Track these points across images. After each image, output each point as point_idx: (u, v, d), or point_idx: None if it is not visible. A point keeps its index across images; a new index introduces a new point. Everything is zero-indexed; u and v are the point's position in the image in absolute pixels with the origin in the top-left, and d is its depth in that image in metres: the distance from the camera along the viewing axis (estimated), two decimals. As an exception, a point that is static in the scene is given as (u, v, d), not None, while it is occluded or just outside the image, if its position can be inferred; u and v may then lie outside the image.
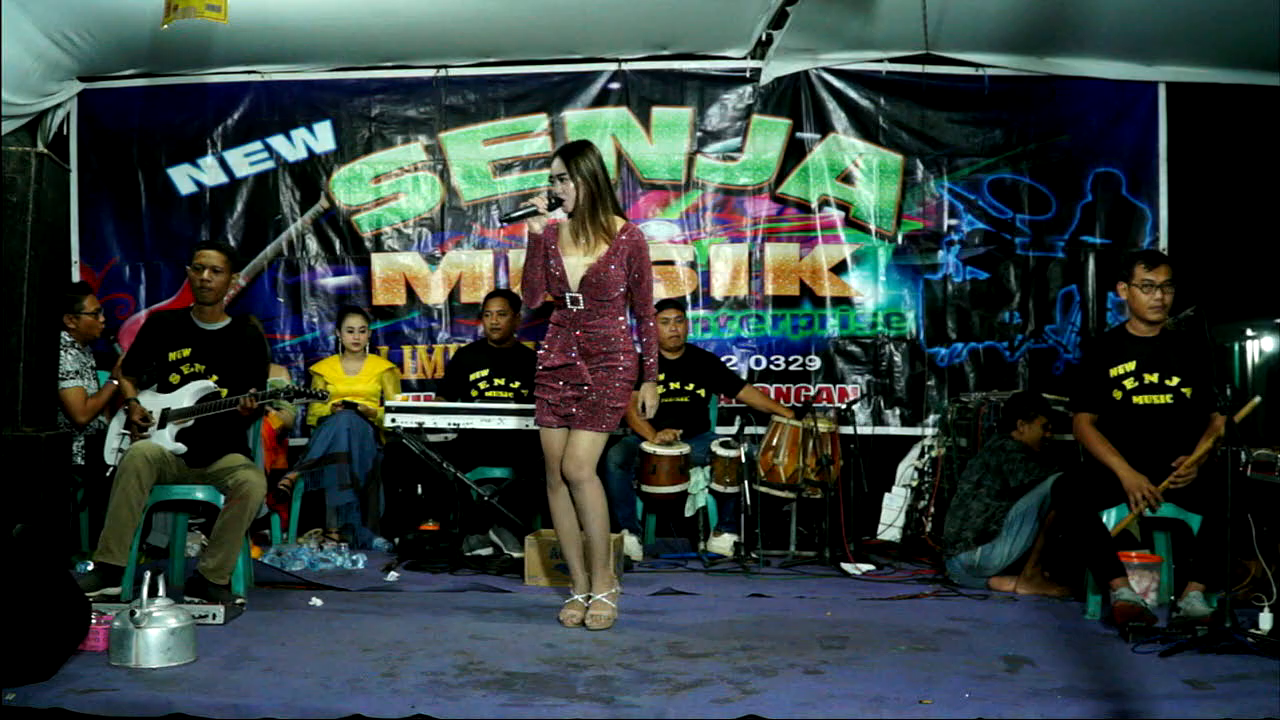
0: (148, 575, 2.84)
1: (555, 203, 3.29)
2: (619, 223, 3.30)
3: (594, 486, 3.31)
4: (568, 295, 3.28)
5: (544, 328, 5.23)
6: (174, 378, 3.70)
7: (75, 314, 4.41)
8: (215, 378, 3.70)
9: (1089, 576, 3.45)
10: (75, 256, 5.24)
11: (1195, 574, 3.32)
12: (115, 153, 5.27)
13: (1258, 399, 3.41)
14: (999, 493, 3.94)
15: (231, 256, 3.79)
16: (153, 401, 3.68)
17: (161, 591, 2.84)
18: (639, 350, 3.37)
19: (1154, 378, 3.52)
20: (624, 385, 3.29)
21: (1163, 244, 5.19)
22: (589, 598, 3.34)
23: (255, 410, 3.66)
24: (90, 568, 3.39)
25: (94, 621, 2.82)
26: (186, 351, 3.72)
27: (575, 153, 3.27)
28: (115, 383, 4.16)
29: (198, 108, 5.28)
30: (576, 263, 3.27)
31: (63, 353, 4.26)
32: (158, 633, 2.73)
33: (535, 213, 3.28)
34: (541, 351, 3.37)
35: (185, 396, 3.66)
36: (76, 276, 5.18)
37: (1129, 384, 3.52)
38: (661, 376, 4.79)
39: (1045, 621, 3.41)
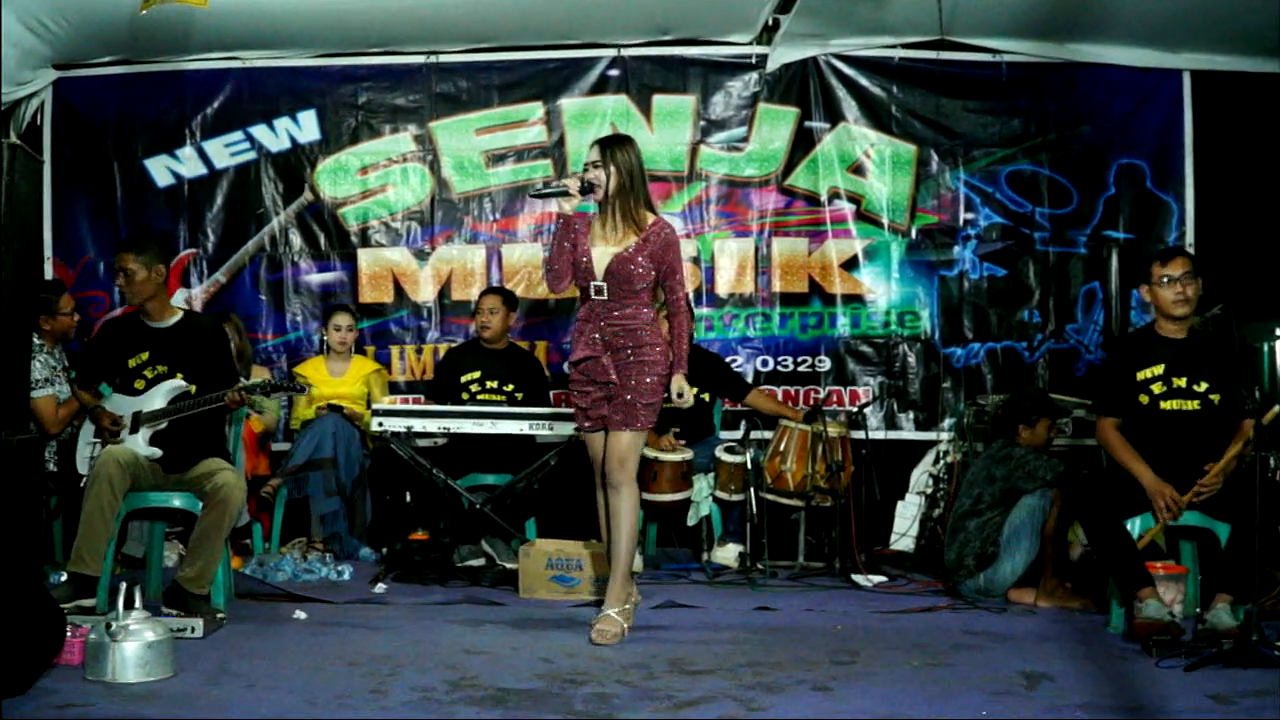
0: (123, 586, 2.86)
1: (587, 188, 3.37)
2: (650, 217, 3.40)
3: (631, 491, 3.38)
4: (592, 285, 3.36)
5: (539, 328, 5.36)
6: (139, 384, 3.71)
7: (51, 314, 4.42)
8: (181, 375, 3.70)
9: (1112, 588, 3.47)
10: (48, 252, 5.25)
11: (1222, 585, 3.34)
12: (90, 143, 5.29)
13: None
14: (999, 499, 3.94)
15: (149, 249, 3.67)
16: (122, 406, 3.69)
17: (138, 603, 2.86)
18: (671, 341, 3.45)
19: (1182, 382, 3.54)
20: (654, 381, 3.35)
21: (1189, 239, 5.21)
22: (620, 610, 3.33)
23: (240, 404, 3.66)
24: (64, 578, 3.41)
25: (69, 634, 2.84)
26: (145, 355, 3.71)
27: (613, 143, 3.39)
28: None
29: (176, 96, 5.29)
30: (603, 252, 3.35)
31: (33, 362, 4.28)
32: (134, 646, 2.75)
33: (565, 193, 3.37)
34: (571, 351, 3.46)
35: (156, 398, 3.67)
36: (49, 273, 5.21)
37: (1157, 388, 3.54)
38: (663, 379, 4.82)
39: (1066, 635, 3.43)
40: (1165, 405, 3.54)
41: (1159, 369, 3.55)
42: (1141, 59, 5.13)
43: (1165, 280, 3.53)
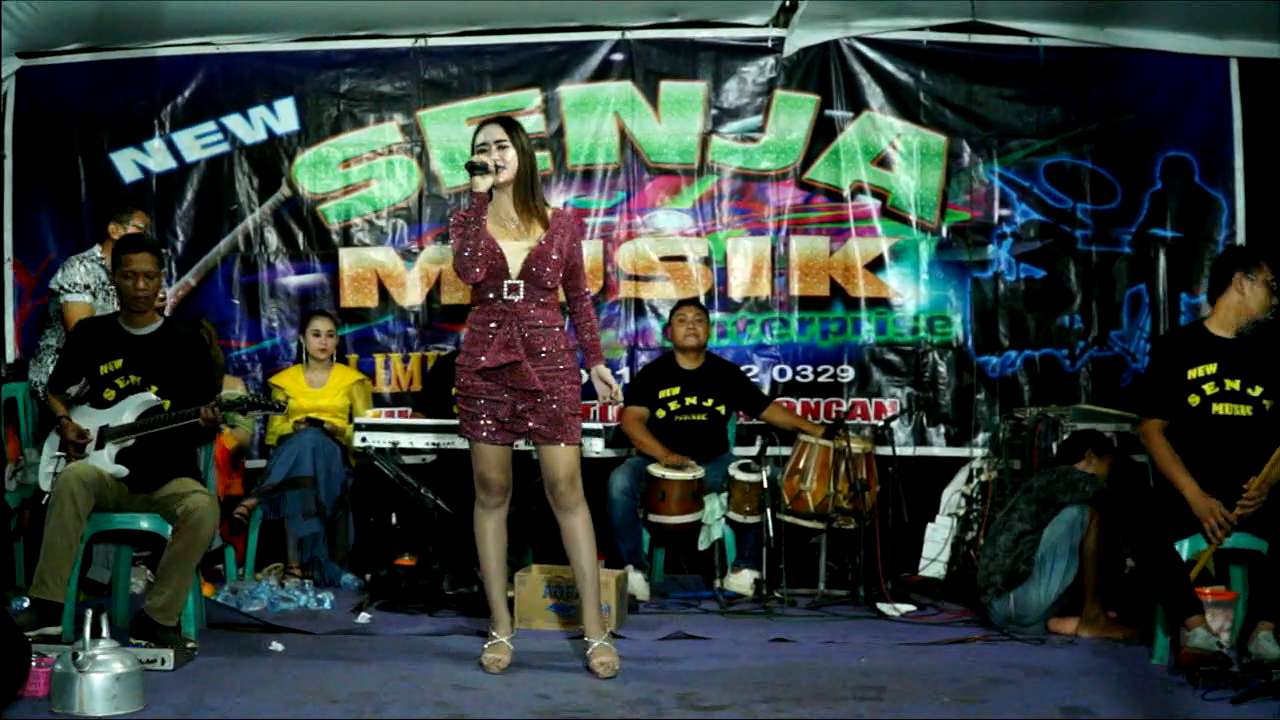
0: (89, 614, 2.93)
1: (487, 169, 3.31)
2: (548, 209, 3.45)
3: (585, 510, 3.43)
4: (506, 283, 3.33)
5: None
6: (109, 393, 3.76)
7: (121, 223, 4.47)
8: (155, 388, 3.76)
9: (1158, 616, 3.52)
10: (8, 253, 5.30)
11: (1263, 610, 3.39)
12: (54, 136, 5.34)
13: None
14: (1035, 512, 3.98)
15: (160, 253, 3.88)
16: (89, 418, 3.76)
17: (105, 632, 2.93)
18: (581, 339, 3.52)
19: (1235, 384, 3.60)
20: (574, 387, 3.41)
21: (1240, 238, 5.26)
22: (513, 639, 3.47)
23: (214, 422, 3.71)
24: (26, 605, 3.47)
25: (34, 664, 2.91)
26: (118, 363, 3.77)
27: (515, 125, 3.40)
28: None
29: (145, 84, 5.34)
30: (515, 247, 3.35)
31: (80, 265, 4.42)
32: (102, 678, 2.83)
33: (487, 170, 3.32)
34: (465, 357, 3.40)
35: (125, 412, 3.72)
36: (9, 275, 5.27)
37: (1209, 389, 3.60)
38: (675, 390, 4.86)
39: (1108, 668, 3.48)
40: (1217, 409, 3.59)
41: (1211, 368, 3.61)
42: (1186, 45, 5.17)
43: (1276, 285, 3.61)
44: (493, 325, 3.36)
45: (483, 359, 3.33)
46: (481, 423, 3.39)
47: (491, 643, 3.46)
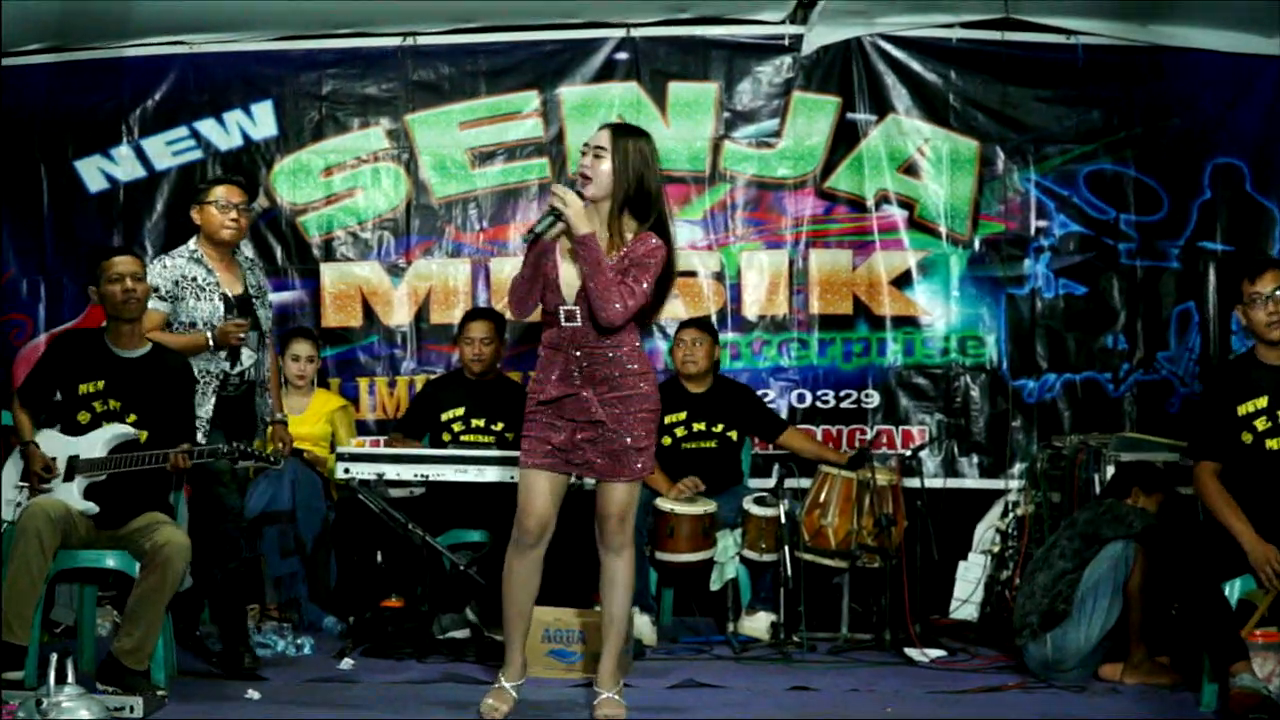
0: (54, 658, 2.99)
1: (570, 184, 3.37)
2: (638, 227, 3.37)
3: (632, 554, 3.45)
4: (561, 309, 3.36)
5: (532, 357, 5.43)
6: (83, 416, 3.81)
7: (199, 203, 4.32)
8: (133, 417, 3.81)
9: (1206, 661, 3.56)
10: (-36, 268, 5.39)
11: None
12: (15, 143, 5.40)
13: None
14: (1077, 550, 4.02)
15: (142, 255, 3.93)
16: (57, 445, 3.80)
17: (70, 677, 2.99)
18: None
19: None
20: (645, 417, 3.40)
21: (1295, 251, 5.33)
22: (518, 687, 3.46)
23: (184, 470, 3.75)
24: (-11, 646, 3.54)
25: (-4, 711, 2.99)
26: (100, 384, 3.81)
27: (628, 134, 3.39)
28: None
29: (112, 87, 5.40)
30: (574, 269, 3.34)
31: (155, 266, 4.17)
32: (69, 726, 2.89)
33: (558, 217, 3.31)
34: (534, 384, 3.45)
35: (97, 444, 3.77)
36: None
37: (1261, 424, 3.64)
38: (683, 415, 4.89)
39: (1153, 716, 3.53)
40: (1271, 444, 3.64)
41: (1262, 402, 3.65)
42: (1235, 44, 5.23)
43: (1256, 299, 3.64)
44: (554, 351, 3.39)
45: (550, 390, 3.36)
46: (542, 447, 3.39)
47: (496, 687, 3.48)
